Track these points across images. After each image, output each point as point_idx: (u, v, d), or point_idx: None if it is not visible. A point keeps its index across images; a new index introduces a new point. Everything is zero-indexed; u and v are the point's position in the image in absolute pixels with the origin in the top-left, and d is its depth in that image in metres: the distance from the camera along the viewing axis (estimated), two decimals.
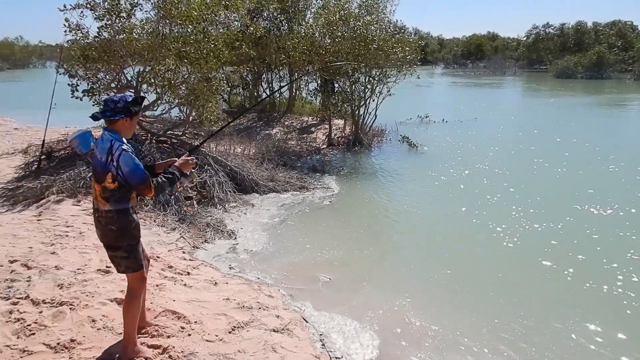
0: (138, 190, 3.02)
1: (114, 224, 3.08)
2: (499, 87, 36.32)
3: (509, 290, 5.19)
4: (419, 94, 29.51)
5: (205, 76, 8.52)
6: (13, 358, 3.25)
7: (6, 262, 4.65)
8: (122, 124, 3.09)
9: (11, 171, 8.33)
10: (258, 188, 8.39)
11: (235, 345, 3.68)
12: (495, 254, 6.22)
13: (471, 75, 54.88)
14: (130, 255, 3.17)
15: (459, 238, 6.78)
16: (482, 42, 75.14)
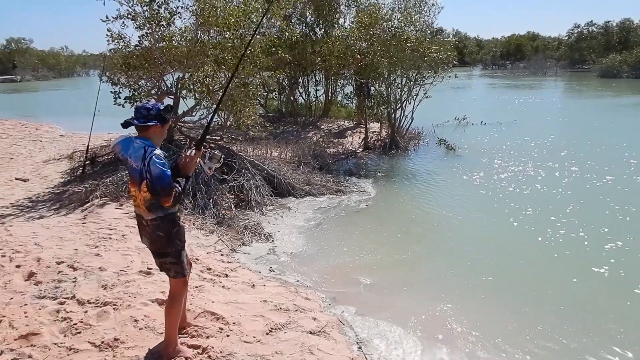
0: (159, 196, 2.99)
1: (160, 230, 3.13)
2: (539, 88, 35.42)
3: (553, 296, 5.03)
4: (456, 96, 29.09)
5: (242, 81, 8.64)
6: (60, 356, 3.37)
7: (53, 263, 4.82)
8: (154, 131, 3.13)
9: (57, 176, 8.66)
10: (294, 191, 8.44)
11: (273, 347, 3.71)
12: (538, 258, 6.04)
13: (510, 76, 53.71)
14: (179, 260, 3.24)
15: (500, 243, 6.62)
16: (521, 42, 73.50)
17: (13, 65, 53.87)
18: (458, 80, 15.81)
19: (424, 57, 11.55)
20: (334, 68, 13.48)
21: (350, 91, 15.32)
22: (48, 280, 4.47)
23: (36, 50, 61.67)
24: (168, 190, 2.96)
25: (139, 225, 3.24)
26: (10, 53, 58.89)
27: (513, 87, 37.14)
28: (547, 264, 5.88)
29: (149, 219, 3.11)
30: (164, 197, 2.97)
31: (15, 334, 3.58)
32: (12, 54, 58.47)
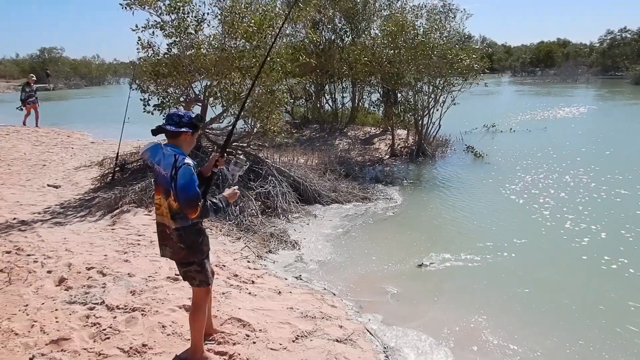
0: (184, 207, 2.95)
1: (184, 240, 3.11)
2: (570, 95, 34.69)
3: (595, 310, 4.86)
4: (485, 103, 28.71)
5: (268, 88, 8.67)
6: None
7: (83, 269, 4.89)
8: (184, 139, 3.12)
9: (88, 182, 8.81)
10: (321, 199, 8.41)
11: (299, 354, 3.67)
12: (577, 270, 5.85)
13: (540, 83, 52.73)
14: (203, 269, 3.22)
15: (533, 253, 6.41)
16: (552, 48, 72.12)
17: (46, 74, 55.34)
18: (486, 87, 15.57)
19: (452, 64, 11.39)
20: (361, 75, 13.43)
21: (377, 98, 15.24)
22: (78, 286, 4.52)
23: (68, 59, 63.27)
24: (193, 202, 2.91)
25: (161, 233, 3.21)
26: (43, 62, 60.55)
27: (543, 94, 36.47)
28: (588, 276, 5.69)
29: (173, 228, 3.09)
30: (187, 209, 2.94)
31: (47, 339, 3.63)
32: (45, 63, 60.11)
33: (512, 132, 16.42)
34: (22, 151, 11.90)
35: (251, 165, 8.41)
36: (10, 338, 3.65)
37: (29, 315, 3.98)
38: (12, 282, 4.56)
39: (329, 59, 14.40)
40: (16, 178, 9.08)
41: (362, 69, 12.54)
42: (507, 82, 57.51)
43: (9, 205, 7.24)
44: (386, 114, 13.96)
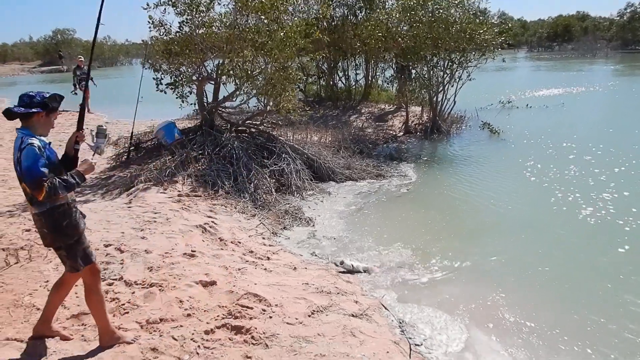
0: (30, 188, 2.80)
1: (46, 226, 2.98)
2: (588, 70, 33.97)
3: (615, 289, 4.79)
4: (500, 79, 28.26)
5: (281, 65, 8.61)
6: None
7: (102, 246, 4.95)
8: (37, 120, 2.95)
9: (104, 162, 8.86)
10: (334, 176, 8.40)
11: (315, 329, 3.70)
12: (593, 249, 5.77)
13: (557, 58, 51.65)
14: (70, 254, 3.06)
15: (551, 232, 6.31)
16: (570, 22, 70.35)
17: (59, 56, 55.55)
18: (502, 63, 15.33)
19: (471, 39, 11.16)
20: (375, 51, 13.25)
21: (390, 74, 15.06)
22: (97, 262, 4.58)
23: (81, 40, 63.36)
24: (38, 183, 2.77)
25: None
26: (56, 44, 60.77)
27: (560, 69, 35.79)
28: (607, 255, 5.60)
29: (34, 213, 2.97)
30: (34, 190, 2.80)
31: (67, 314, 3.70)
32: (59, 45, 60.31)
33: (529, 108, 16.16)
34: None
35: (264, 143, 8.42)
36: (33, 313, 3.72)
37: (49, 291, 4.04)
38: (32, 259, 4.64)
39: (342, 35, 14.21)
40: None
41: (376, 44, 12.37)
42: (523, 57, 56.51)
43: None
44: (400, 90, 13.81)
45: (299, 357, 3.33)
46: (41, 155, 2.82)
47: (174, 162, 7.44)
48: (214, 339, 3.46)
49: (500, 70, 31.57)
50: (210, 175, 7.22)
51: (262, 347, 3.42)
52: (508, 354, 3.78)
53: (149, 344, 3.34)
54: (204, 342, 3.42)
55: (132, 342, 3.31)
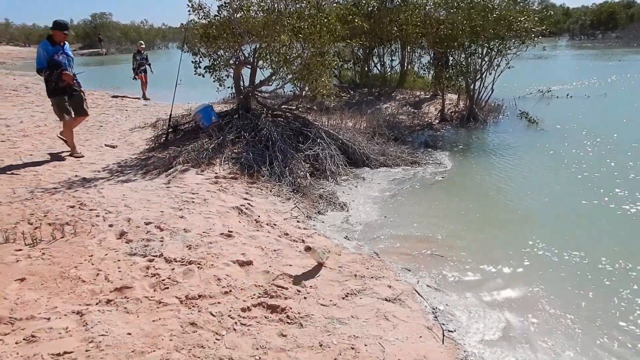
0: None
1: None
2: (633, 60, 32.68)
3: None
4: (540, 68, 27.51)
5: (318, 51, 8.60)
6: (151, 308, 3.59)
7: (142, 224, 5.10)
8: None
9: (143, 143, 9.10)
10: (369, 162, 8.40)
11: (349, 311, 3.75)
12: (637, 243, 5.60)
13: (601, 46, 49.77)
14: None
15: (592, 225, 6.14)
16: (615, 9, 67.65)
17: (98, 39, 56.75)
18: (541, 51, 14.93)
19: (510, 27, 10.90)
20: (411, 38, 13.10)
21: (427, 61, 14.86)
22: (138, 239, 4.74)
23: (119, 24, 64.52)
24: None
25: None
26: (95, 27, 62.06)
27: (603, 58, 34.56)
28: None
29: None
30: None
31: (111, 287, 3.84)
32: (98, 28, 61.58)
33: (569, 98, 15.71)
34: None
35: (300, 128, 8.46)
36: (78, 285, 3.89)
37: (93, 265, 4.22)
38: (77, 234, 4.82)
39: (378, 21, 14.08)
40: (75, 138, 9.44)
41: (413, 30, 12.22)
42: (565, 45, 54.72)
43: (71, 163, 7.60)
44: (436, 77, 13.62)
45: (333, 338, 3.39)
46: None
47: (211, 145, 7.58)
48: (251, 317, 3.55)
49: (540, 58, 30.71)
50: (246, 159, 7.32)
51: (296, 326, 3.49)
52: (546, 345, 3.75)
53: (188, 318, 3.46)
54: (240, 319, 3.52)
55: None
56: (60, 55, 7.47)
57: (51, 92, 7.56)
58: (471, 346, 3.63)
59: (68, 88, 7.60)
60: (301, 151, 7.84)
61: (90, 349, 3.06)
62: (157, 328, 3.34)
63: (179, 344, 3.17)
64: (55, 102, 7.64)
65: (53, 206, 5.60)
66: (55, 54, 7.41)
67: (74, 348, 3.07)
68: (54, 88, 7.50)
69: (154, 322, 3.41)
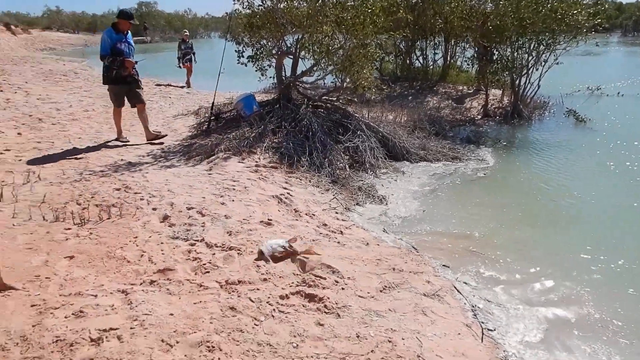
0: None
1: None
2: None
3: None
4: (589, 64, 26.52)
5: (361, 42, 8.55)
6: (192, 291, 3.66)
7: (184, 208, 5.21)
8: None
9: (186, 130, 9.28)
10: (409, 156, 8.32)
11: (386, 304, 3.73)
12: None
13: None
14: None
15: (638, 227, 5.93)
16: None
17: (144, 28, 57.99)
18: (591, 48, 14.40)
19: (562, 20, 10.53)
20: (456, 30, 12.85)
21: (471, 55, 14.57)
22: (180, 224, 4.84)
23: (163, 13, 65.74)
24: None
25: None
26: (141, 16, 63.44)
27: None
28: None
29: None
30: None
31: (154, 268, 3.95)
32: (143, 17, 62.93)
33: (620, 97, 15.11)
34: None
35: (340, 119, 8.45)
36: (124, 265, 4.01)
37: (138, 246, 4.34)
38: (122, 216, 4.97)
39: (422, 13, 13.87)
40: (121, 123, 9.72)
41: (458, 23, 11.98)
42: (616, 42, 52.62)
43: (117, 148, 7.83)
44: (480, 72, 13.34)
45: (370, 330, 3.38)
46: None
47: (252, 134, 7.65)
48: (289, 304, 3.58)
49: (590, 54, 29.63)
50: (286, 148, 7.37)
51: (334, 316, 3.50)
52: (590, 349, 3.64)
53: (228, 303, 3.51)
54: (279, 306, 3.55)
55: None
56: (123, 44, 7.66)
57: (110, 79, 7.75)
58: (511, 346, 3.56)
59: (128, 77, 7.76)
60: (341, 143, 7.83)
61: (134, 327, 3.16)
62: (198, 310, 3.41)
63: (219, 327, 3.23)
64: (112, 90, 7.86)
65: (100, 188, 5.79)
66: (118, 41, 7.61)
67: (119, 325, 3.17)
68: (114, 76, 7.69)
69: (195, 305, 3.48)
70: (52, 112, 10.33)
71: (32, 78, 15.42)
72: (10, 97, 11.46)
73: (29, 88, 13.14)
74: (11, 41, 37.60)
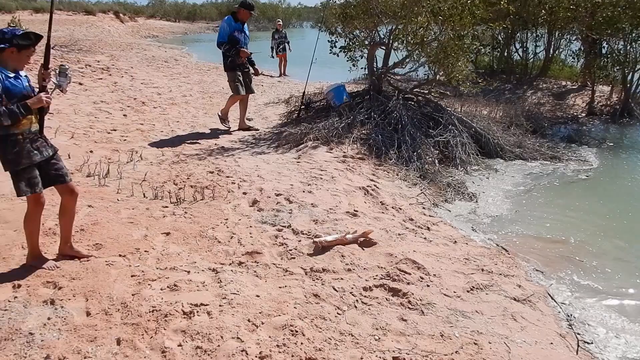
0: None
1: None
2: None
3: None
4: None
5: (457, 34, 8.25)
6: (278, 275, 3.74)
7: (273, 194, 5.33)
8: (8, 55, 3.21)
9: (276, 118, 9.49)
10: (503, 153, 7.95)
11: (473, 305, 3.59)
12: None
13: None
14: (15, 180, 3.38)
15: None
16: None
17: None
18: None
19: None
20: (561, 22, 12.04)
21: (577, 48, 13.60)
22: (268, 209, 4.96)
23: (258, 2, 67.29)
24: None
25: None
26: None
27: None
28: None
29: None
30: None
31: (243, 250, 4.08)
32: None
33: None
34: (220, 85, 13.17)
35: (431, 113, 8.24)
36: (215, 244, 4.18)
37: (228, 228, 4.50)
38: (215, 198, 5.18)
39: (524, 3, 13.12)
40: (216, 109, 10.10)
41: (564, 14, 11.22)
42: None
43: (212, 131, 8.17)
44: (587, 66, 12.42)
45: (455, 330, 3.27)
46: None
47: (341, 124, 7.66)
48: (372, 297, 3.55)
49: None
50: (375, 140, 7.31)
51: (417, 313, 3.43)
52: None
53: (312, 289, 3.55)
54: (362, 297, 3.53)
55: (51, 269, 3.61)
56: (240, 33, 7.88)
57: (228, 66, 7.99)
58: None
59: (242, 65, 8.01)
60: (431, 137, 7.64)
61: (223, 304, 3.28)
62: (282, 294, 3.47)
63: (302, 312, 3.28)
64: (230, 77, 8.05)
65: (195, 170, 6.07)
66: (236, 30, 7.85)
67: (209, 301, 3.31)
68: (230, 63, 7.94)
69: (280, 289, 3.55)
70: (154, 96, 10.97)
71: (137, 64, 16.46)
72: (118, 81, 12.32)
73: (134, 73, 14.05)
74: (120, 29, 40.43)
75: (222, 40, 7.79)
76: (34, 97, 3.29)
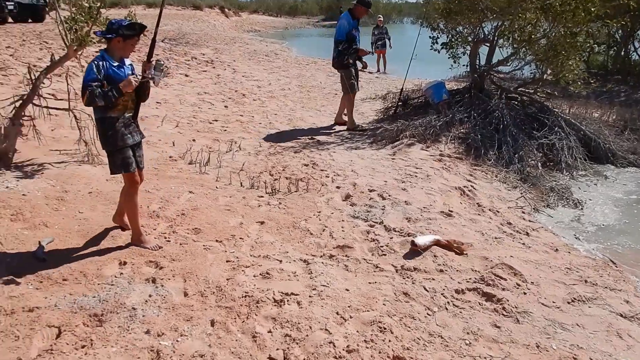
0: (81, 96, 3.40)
1: (97, 132, 3.68)
2: None
3: None
4: None
5: (569, 31, 7.74)
6: (368, 270, 3.77)
7: (366, 190, 5.36)
8: (114, 45, 3.47)
9: (372, 113, 9.48)
10: (614, 159, 7.37)
11: (574, 318, 3.39)
12: None
13: None
14: (110, 159, 3.65)
15: None
16: None
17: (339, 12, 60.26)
18: None
19: None
20: None
21: None
22: (361, 204, 4.99)
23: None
24: (83, 90, 3.34)
25: None
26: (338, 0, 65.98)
27: None
28: None
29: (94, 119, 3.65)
30: (82, 97, 3.38)
31: (334, 243, 4.15)
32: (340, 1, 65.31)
33: None
34: (318, 80, 13.40)
35: (536, 114, 7.83)
36: (307, 236, 4.29)
37: (320, 221, 4.59)
38: (309, 190, 5.30)
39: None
40: (313, 103, 10.34)
41: None
42: None
43: (308, 125, 8.35)
44: None
45: (552, 342, 3.11)
46: (96, 71, 3.39)
47: (439, 122, 7.51)
48: (464, 300, 3.47)
49: None
50: (473, 140, 7.08)
51: (512, 320, 3.30)
52: None
53: (402, 288, 3.54)
54: (453, 300, 3.46)
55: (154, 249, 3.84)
56: (355, 31, 7.88)
57: (344, 64, 7.92)
58: None
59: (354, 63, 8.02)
60: (535, 138, 7.26)
61: (312, 295, 3.36)
62: (372, 290, 3.49)
63: (391, 310, 3.28)
64: (347, 75, 7.98)
65: (290, 162, 6.24)
66: (354, 28, 7.83)
67: (299, 291, 3.41)
68: (346, 62, 7.88)
69: (369, 284, 3.57)
70: (254, 88, 11.39)
71: (239, 57, 17.14)
72: (221, 73, 12.92)
73: (236, 66, 14.66)
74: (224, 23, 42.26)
75: (340, 38, 7.70)
76: (124, 82, 3.46)
